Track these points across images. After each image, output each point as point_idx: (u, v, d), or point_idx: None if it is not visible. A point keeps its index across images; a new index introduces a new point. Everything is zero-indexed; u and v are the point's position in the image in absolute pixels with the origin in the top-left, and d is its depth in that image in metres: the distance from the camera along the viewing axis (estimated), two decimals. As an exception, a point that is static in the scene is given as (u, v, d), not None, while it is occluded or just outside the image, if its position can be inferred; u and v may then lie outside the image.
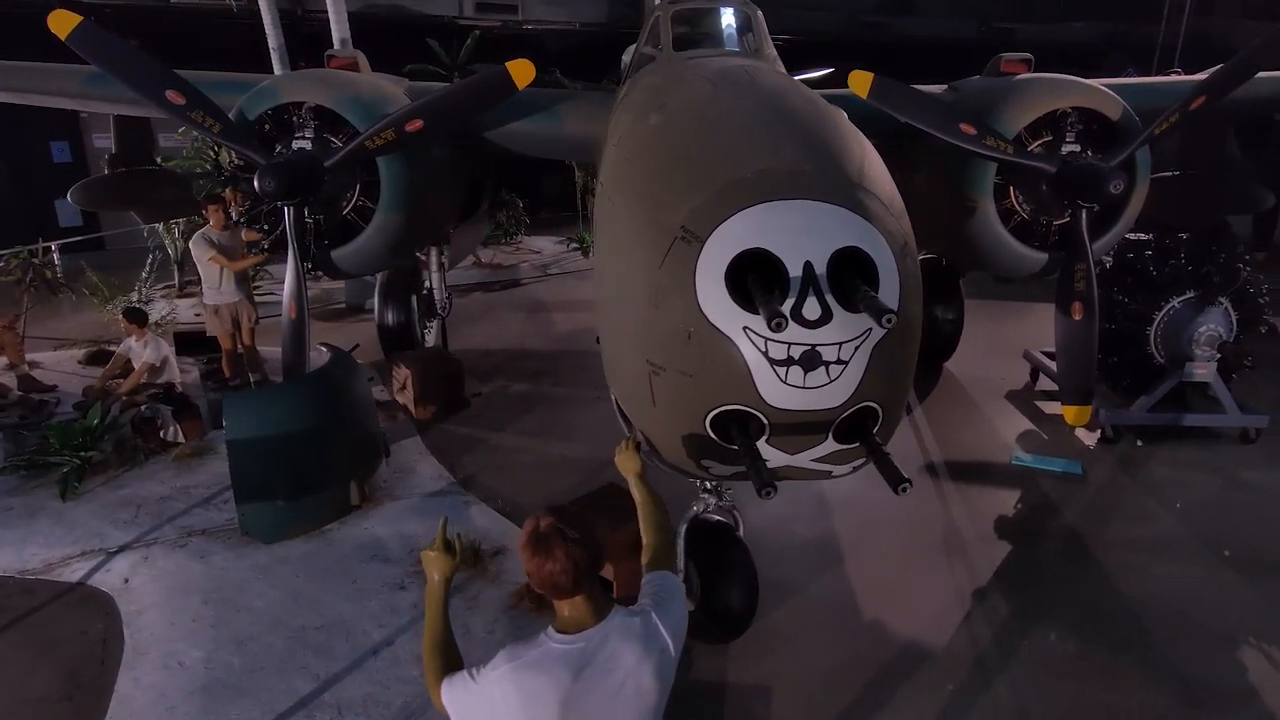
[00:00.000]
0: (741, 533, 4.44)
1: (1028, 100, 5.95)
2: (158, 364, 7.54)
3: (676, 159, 2.71)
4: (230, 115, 5.62)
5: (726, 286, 2.17)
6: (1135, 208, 5.93)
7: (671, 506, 4.39)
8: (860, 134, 2.83)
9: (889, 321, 1.91)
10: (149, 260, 11.80)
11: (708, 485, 4.51)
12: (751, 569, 4.47)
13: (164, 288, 12.27)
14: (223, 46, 13.34)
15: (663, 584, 2.22)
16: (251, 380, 7.81)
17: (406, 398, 7.62)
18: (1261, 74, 6.05)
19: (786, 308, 2.02)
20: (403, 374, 7.64)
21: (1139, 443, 7.08)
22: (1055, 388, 7.57)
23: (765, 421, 2.24)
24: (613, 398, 3.20)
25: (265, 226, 6.32)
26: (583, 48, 17.50)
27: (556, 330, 10.49)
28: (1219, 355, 6.81)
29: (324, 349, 6.38)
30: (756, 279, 2.13)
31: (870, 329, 2.17)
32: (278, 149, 5.98)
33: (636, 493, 2.62)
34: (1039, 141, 5.90)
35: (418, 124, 5.56)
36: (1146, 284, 7.08)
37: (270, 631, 4.59)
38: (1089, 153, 5.94)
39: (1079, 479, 6.52)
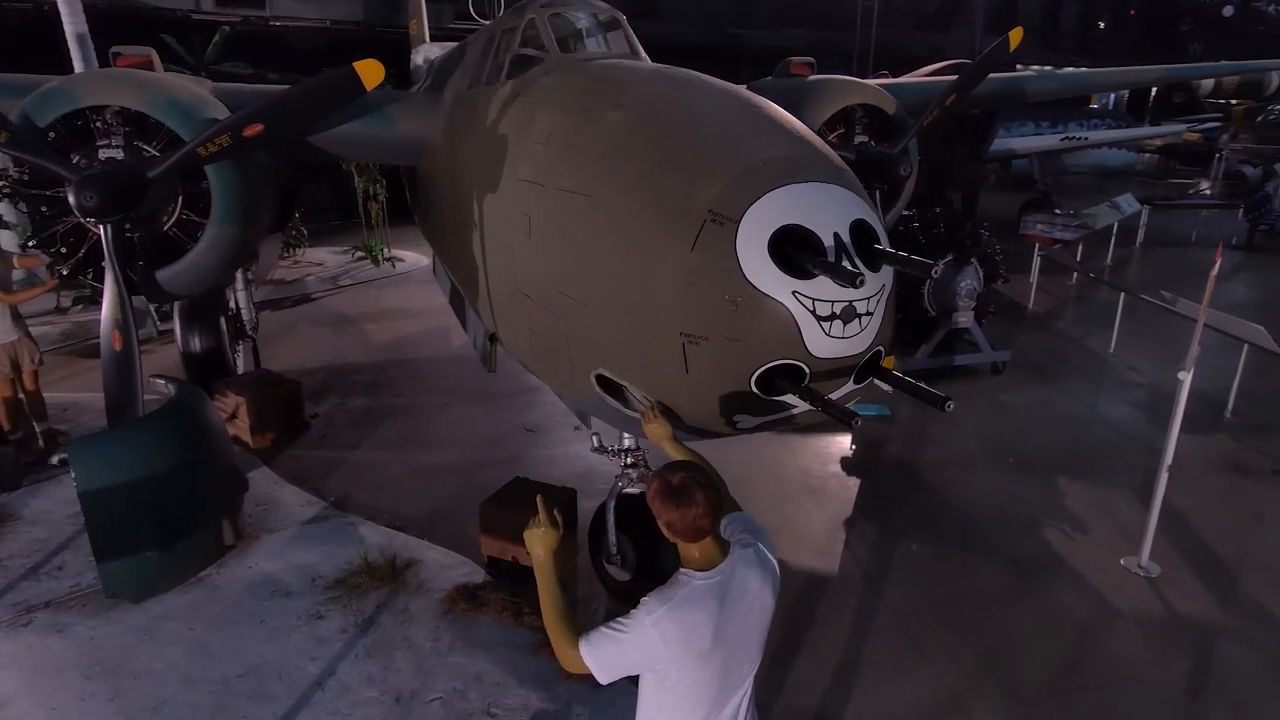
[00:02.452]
0: None
1: (826, 98, 6.89)
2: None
3: (674, 152, 2.97)
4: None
5: (772, 258, 2.52)
6: (910, 188, 7.10)
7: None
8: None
9: (936, 273, 2.40)
10: None
11: (627, 460, 4.82)
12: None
13: None
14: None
15: (746, 521, 2.53)
16: (37, 430, 6.70)
17: (239, 427, 6.98)
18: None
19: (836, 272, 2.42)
20: (232, 402, 6.99)
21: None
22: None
23: (807, 371, 2.63)
24: (591, 378, 3.38)
25: (64, 249, 5.56)
26: (336, 47, 16.58)
27: (375, 341, 10.05)
28: (974, 305, 8.37)
29: (161, 382, 5.70)
30: (799, 250, 2.50)
31: (885, 285, 2.65)
32: (75, 159, 5.29)
33: (676, 453, 2.87)
34: (835, 134, 6.86)
35: (257, 128, 5.17)
36: (917, 250, 8.46)
37: (185, 690, 4.15)
38: (873, 142, 7.04)
39: (889, 420, 7.68)
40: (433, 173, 6.42)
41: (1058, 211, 13.40)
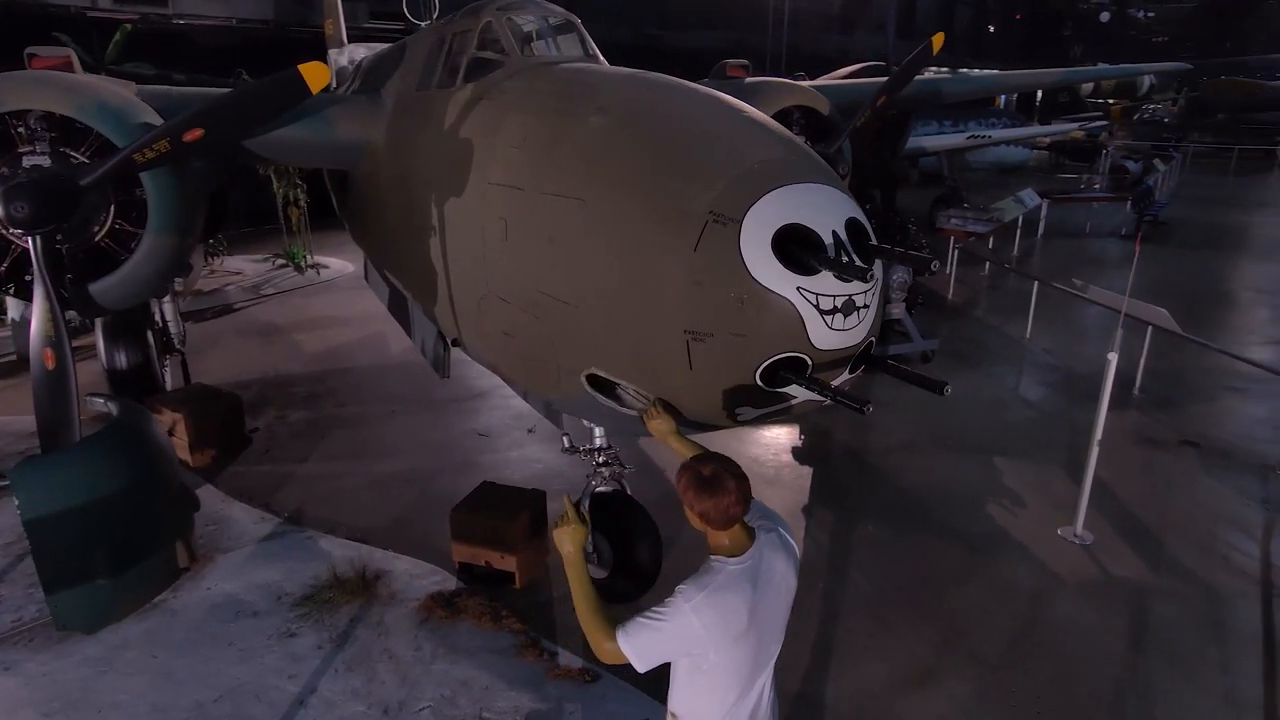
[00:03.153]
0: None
1: (766, 100, 7.11)
2: None
3: (667, 155, 3.04)
4: None
5: (776, 256, 2.63)
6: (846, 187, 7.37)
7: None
8: None
9: (935, 268, 2.58)
10: None
11: (598, 459, 4.88)
12: (653, 524, 4.92)
13: None
14: None
15: (761, 507, 2.63)
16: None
17: (178, 444, 6.65)
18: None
19: (838, 268, 2.56)
20: (169, 419, 6.68)
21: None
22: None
23: (810, 363, 2.75)
24: (581, 378, 3.43)
25: None
26: (243, 46, 15.95)
27: (308, 351, 9.73)
28: (905, 296, 8.77)
29: (99, 401, 5.41)
30: (802, 248, 2.62)
31: (877, 279, 2.81)
32: (-8, 166, 5.01)
33: (682, 446, 2.95)
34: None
35: (198, 133, 4.96)
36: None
37: (157, 719, 3.98)
38: (809, 143, 7.29)
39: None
40: (374, 176, 6.30)
41: (967, 206, 14.13)
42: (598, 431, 4.92)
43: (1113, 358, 5.33)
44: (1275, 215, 20.45)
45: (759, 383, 2.78)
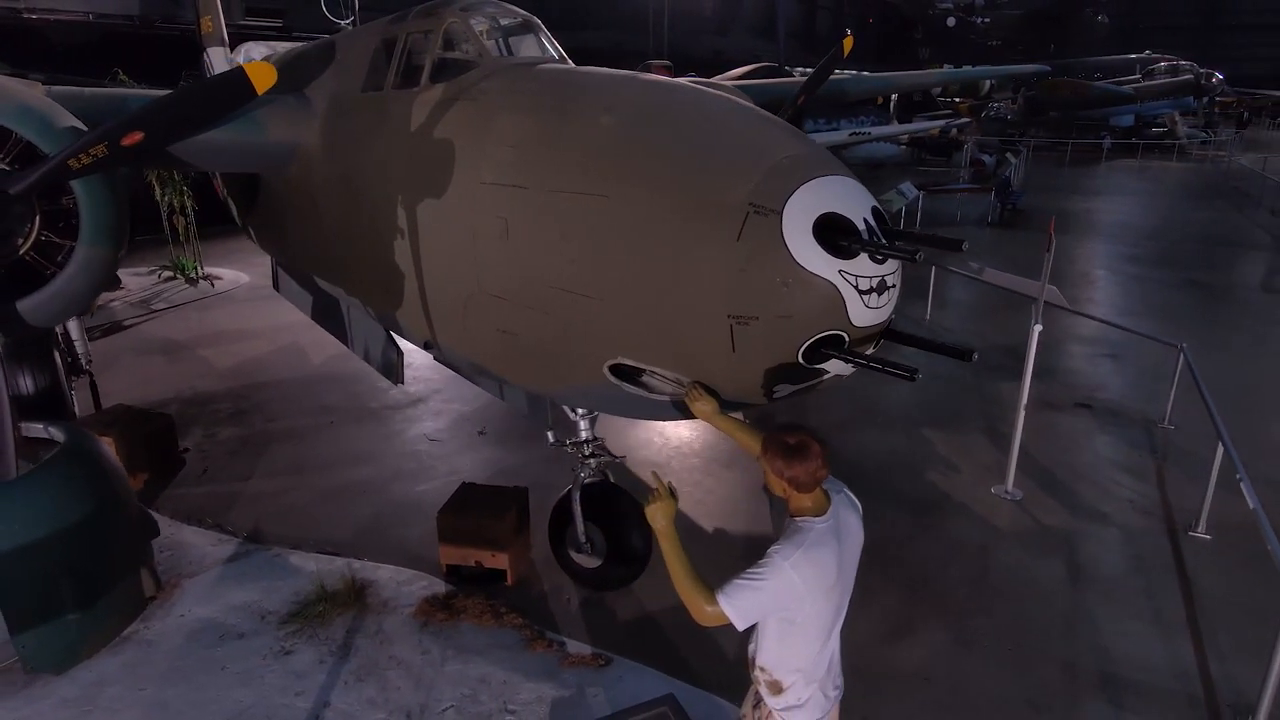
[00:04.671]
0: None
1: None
2: None
3: (693, 152, 3.21)
4: None
5: (818, 243, 2.86)
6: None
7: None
8: None
9: (965, 248, 2.91)
10: None
11: (585, 452, 5.01)
12: (641, 509, 5.08)
13: None
14: None
15: None
16: None
17: (105, 471, 6.23)
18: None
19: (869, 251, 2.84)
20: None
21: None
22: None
23: (847, 339, 3.01)
24: (604, 369, 3.56)
25: None
26: (104, 43, 14.76)
27: (220, 367, 9.21)
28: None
29: (39, 426, 4.99)
30: (842, 235, 2.87)
31: (902, 261, 3.10)
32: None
33: (724, 423, 3.15)
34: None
35: (136, 137, 4.69)
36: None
37: (162, 753, 3.80)
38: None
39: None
40: (303, 180, 6.11)
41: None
42: (583, 425, 5.05)
43: (1037, 328, 5.94)
44: (1107, 201, 22.84)
45: (800, 360, 3.02)
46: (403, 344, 5.98)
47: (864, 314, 2.98)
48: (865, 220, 2.97)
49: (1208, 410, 5.66)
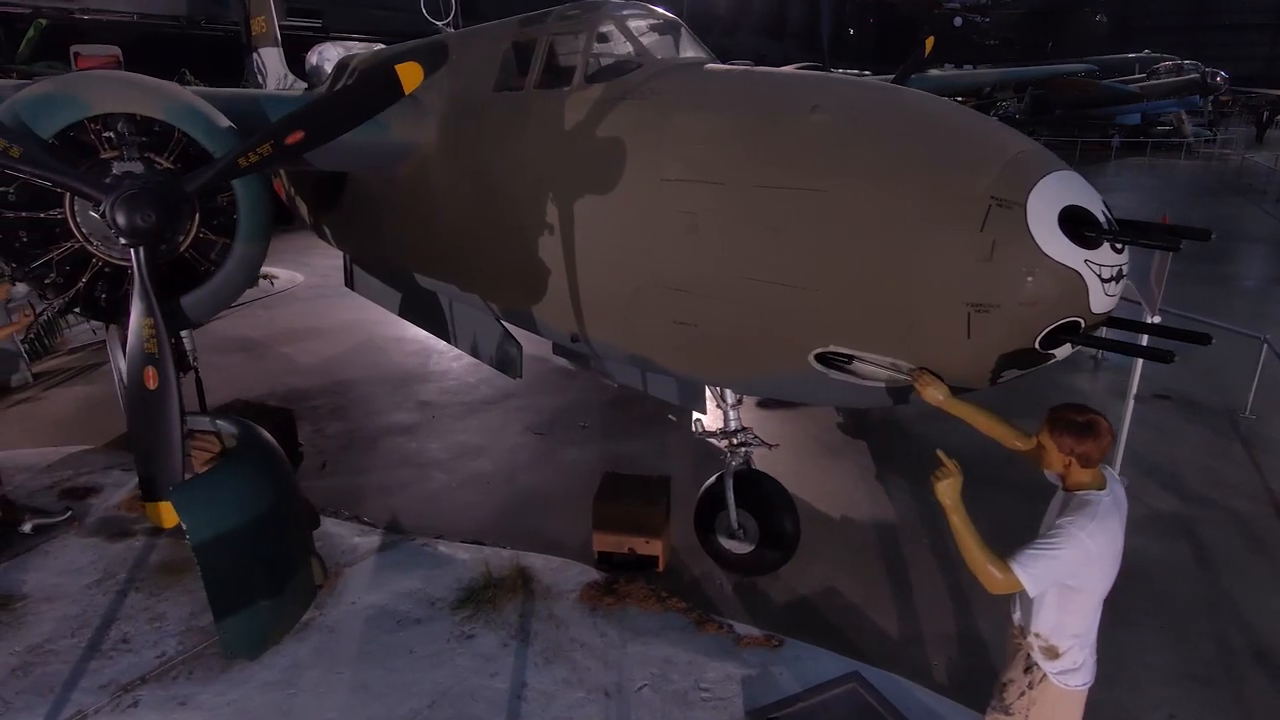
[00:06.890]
0: None
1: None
2: None
3: (918, 148, 3.37)
4: None
5: (1065, 234, 3.03)
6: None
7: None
8: None
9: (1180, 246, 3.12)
10: None
11: (734, 441, 5.16)
12: (789, 496, 5.25)
13: None
14: None
15: None
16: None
17: (232, 466, 6.33)
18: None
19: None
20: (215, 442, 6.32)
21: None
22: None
23: (1083, 325, 3.17)
24: (809, 357, 3.71)
25: (60, 279, 4.91)
26: (149, 43, 14.81)
27: (302, 365, 9.30)
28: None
29: (205, 420, 5.12)
30: (1087, 226, 3.04)
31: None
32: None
33: (959, 407, 3.32)
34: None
35: (299, 136, 4.84)
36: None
37: (380, 732, 3.93)
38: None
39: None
40: (418, 179, 6.23)
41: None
42: (732, 414, 5.20)
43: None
44: (1121, 198, 23.13)
45: (1037, 346, 3.18)
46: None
47: (1103, 301, 3.15)
48: (1103, 212, 3.14)
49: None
